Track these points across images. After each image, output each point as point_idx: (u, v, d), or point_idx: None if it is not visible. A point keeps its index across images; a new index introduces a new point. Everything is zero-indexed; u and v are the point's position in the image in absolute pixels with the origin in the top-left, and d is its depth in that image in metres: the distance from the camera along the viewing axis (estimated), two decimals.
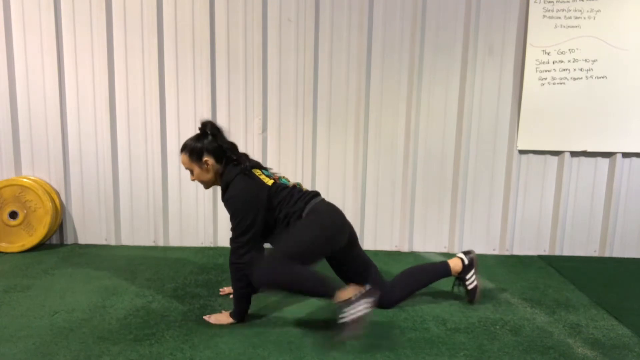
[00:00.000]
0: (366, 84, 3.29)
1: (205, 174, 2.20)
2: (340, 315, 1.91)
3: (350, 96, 3.31)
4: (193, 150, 2.17)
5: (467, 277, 2.42)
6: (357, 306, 1.89)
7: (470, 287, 2.43)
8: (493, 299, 2.57)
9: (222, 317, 2.22)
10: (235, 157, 2.19)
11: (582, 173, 3.36)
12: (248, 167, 2.17)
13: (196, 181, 2.28)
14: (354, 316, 1.88)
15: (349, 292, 1.93)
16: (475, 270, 2.43)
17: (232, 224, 2.12)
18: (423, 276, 2.44)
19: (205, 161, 2.17)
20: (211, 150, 2.17)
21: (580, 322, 2.33)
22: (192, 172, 2.22)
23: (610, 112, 3.24)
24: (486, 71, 3.27)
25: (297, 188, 2.24)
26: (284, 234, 2.13)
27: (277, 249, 2.05)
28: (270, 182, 2.19)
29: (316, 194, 2.26)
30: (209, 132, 2.19)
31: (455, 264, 2.42)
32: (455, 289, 2.51)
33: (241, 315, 2.21)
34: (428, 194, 3.40)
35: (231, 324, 2.20)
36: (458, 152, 3.34)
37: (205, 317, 2.23)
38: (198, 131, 2.24)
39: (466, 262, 2.42)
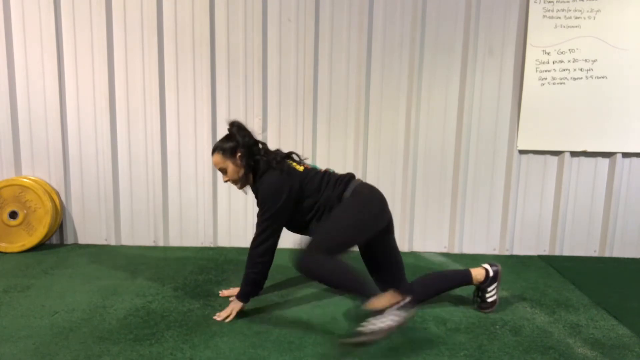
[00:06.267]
0: (366, 84, 3.29)
1: (239, 171, 2.24)
2: (363, 323, 1.84)
3: (350, 96, 3.31)
4: (226, 148, 2.23)
5: (490, 289, 2.36)
6: (384, 318, 1.84)
7: (490, 299, 2.37)
8: None
9: (231, 305, 2.26)
10: (264, 153, 2.25)
11: (582, 173, 3.36)
12: (278, 158, 2.22)
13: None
14: (375, 327, 1.83)
15: (383, 301, 1.89)
16: (498, 284, 2.37)
17: (259, 212, 2.19)
18: (443, 281, 2.40)
19: (239, 157, 2.22)
20: (243, 146, 2.21)
21: (580, 322, 2.32)
22: (224, 173, 2.27)
23: (610, 112, 3.24)
24: (486, 71, 3.27)
25: (330, 172, 2.27)
26: (327, 219, 2.16)
27: (322, 235, 2.08)
28: (301, 168, 2.25)
29: (352, 176, 2.28)
30: (236, 132, 2.24)
31: (477, 273, 2.36)
32: (476, 299, 2.43)
33: (247, 296, 2.25)
34: (428, 194, 3.40)
35: (233, 320, 2.22)
36: (458, 152, 3.34)
37: (216, 317, 2.25)
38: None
39: (491, 273, 2.35)
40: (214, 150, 2.27)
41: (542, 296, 2.64)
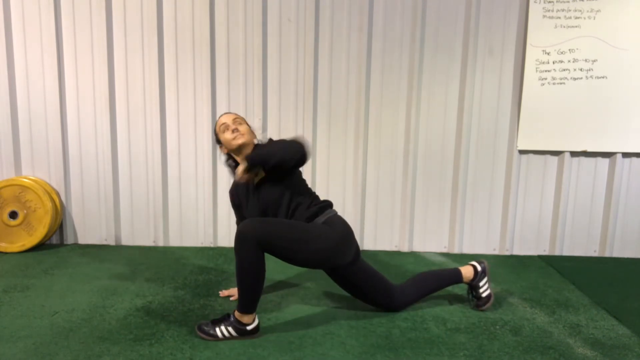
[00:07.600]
0: (366, 84, 3.29)
1: (252, 136, 2.27)
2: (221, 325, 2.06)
3: (350, 96, 3.31)
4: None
5: (481, 284, 2.42)
6: (230, 328, 2.07)
7: (484, 294, 2.41)
8: None
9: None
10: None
11: (582, 173, 3.36)
12: None
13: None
14: (215, 332, 2.06)
15: (246, 319, 2.06)
16: (488, 278, 2.44)
17: None
18: (434, 281, 2.43)
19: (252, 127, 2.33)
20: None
21: (580, 322, 2.33)
22: (236, 131, 2.21)
23: (610, 112, 3.24)
24: (486, 71, 3.27)
25: (310, 193, 2.28)
26: (296, 232, 2.06)
27: (275, 225, 2.02)
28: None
29: (329, 204, 2.27)
30: None
31: (467, 271, 2.42)
32: (471, 298, 2.47)
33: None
34: (428, 194, 3.40)
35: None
36: (458, 152, 3.34)
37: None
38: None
39: (479, 269, 2.42)
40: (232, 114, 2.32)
41: (542, 296, 2.64)
